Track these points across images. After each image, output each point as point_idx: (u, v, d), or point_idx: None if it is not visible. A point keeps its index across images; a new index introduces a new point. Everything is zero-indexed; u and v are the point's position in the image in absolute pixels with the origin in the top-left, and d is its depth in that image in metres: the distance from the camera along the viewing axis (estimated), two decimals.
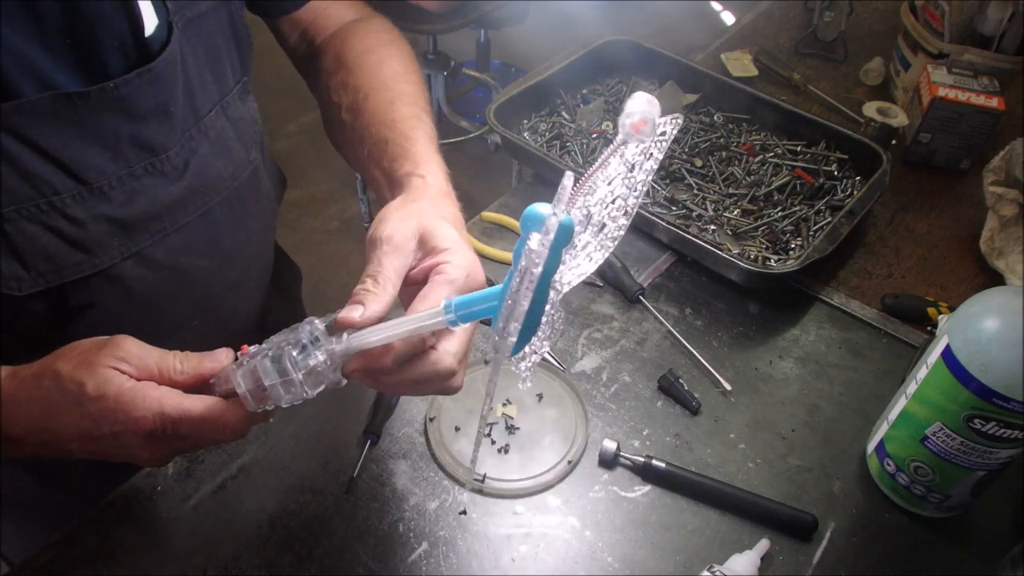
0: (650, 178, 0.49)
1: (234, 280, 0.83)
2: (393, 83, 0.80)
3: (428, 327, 0.54)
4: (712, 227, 1.05)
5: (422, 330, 0.54)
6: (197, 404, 0.57)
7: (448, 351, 0.58)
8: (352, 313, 0.56)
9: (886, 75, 1.38)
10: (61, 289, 0.67)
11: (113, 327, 0.71)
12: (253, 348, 0.59)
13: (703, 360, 0.90)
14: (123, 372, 0.56)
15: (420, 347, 0.58)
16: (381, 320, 0.57)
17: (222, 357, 0.59)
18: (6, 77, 0.57)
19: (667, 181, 1.12)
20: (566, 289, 0.53)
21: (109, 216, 0.67)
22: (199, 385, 0.58)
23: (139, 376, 0.57)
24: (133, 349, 0.57)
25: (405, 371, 0.58)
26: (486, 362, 0.89)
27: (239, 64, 0.76)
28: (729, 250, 0.98)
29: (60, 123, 0.61)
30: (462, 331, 0.59)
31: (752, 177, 1.12)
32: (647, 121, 0.45)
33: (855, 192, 1.09)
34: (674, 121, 0.49)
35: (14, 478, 0.83)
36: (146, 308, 0.74)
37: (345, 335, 0.56)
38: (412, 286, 0.61)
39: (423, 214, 0.64)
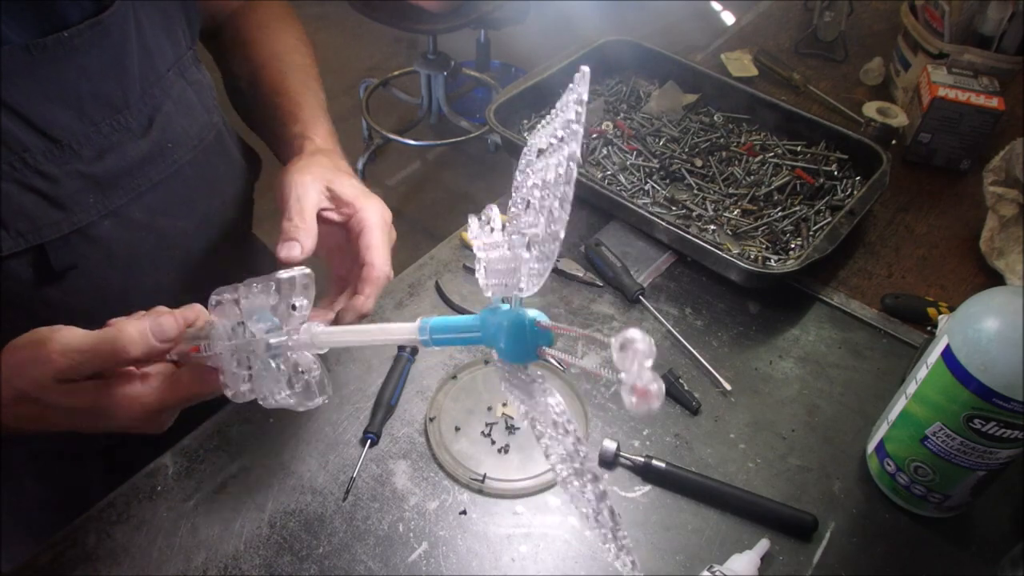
0: None
1: (212, 247, 0.85)
2: (286, 55, 0.89)
3: (400, 341, 0.55)
4: (712, 227, 1.05)
5: (391, 342, 0.56)
6: (192, 382, 0.57)
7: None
8: (293, 251, 0.66)
9: (886, 75, 1.38)
10: (42, 249, 0.68)
11: (96, 290, 0.74)
12: (213, 319, 0.57)
13: (703, 360, 0.90)
14: (79, 386, 0.55)
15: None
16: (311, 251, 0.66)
17: (172, 328, 0.56)
18: None
19: (667, 181, 1.12)
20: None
21: (82, 172, 0.68)
22: (151, 356, 0.57)
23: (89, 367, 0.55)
24: (62, 362, 0.53)
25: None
26: (486, 362, 0.89)
27: (188, 31, 0.79)
28: (729, 250, 0.98)
29: (21, 78, 0.62)
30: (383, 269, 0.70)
31: (752, 177, 1.12)
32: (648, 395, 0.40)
33: (855, 192, 1.09)
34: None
35: (14, 481, 0.84)
36: (128, 271, 0.76)
37: (308, 327, 0.55)
38: (328, 226, 0.71)
39: (323, 166, 0.74)
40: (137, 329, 0.55)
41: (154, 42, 0.73)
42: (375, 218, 0.70)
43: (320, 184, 0.71)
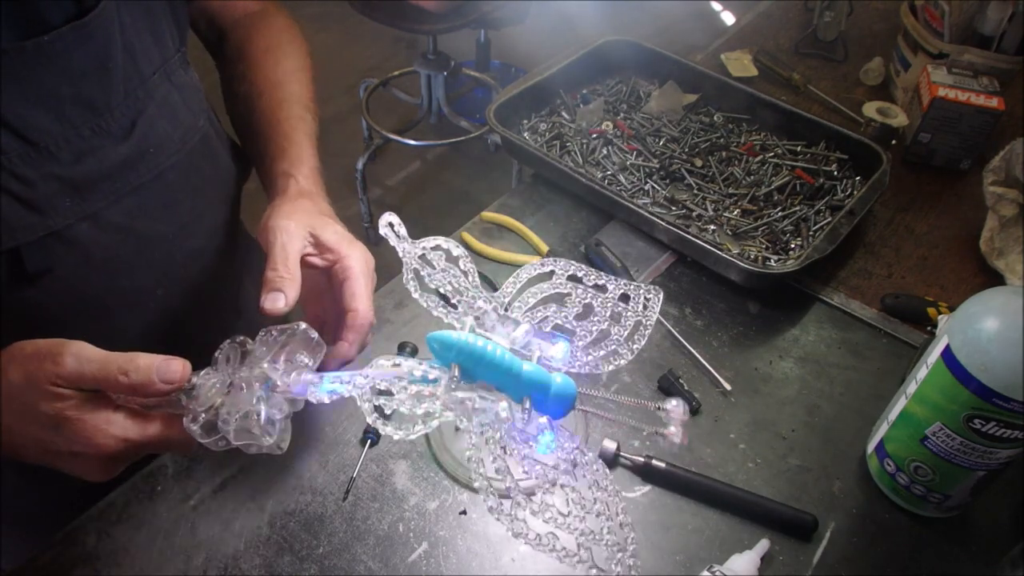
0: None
1: (196, 250, 0.85)
2: (286, 83, 0.89)
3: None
4: (712, 227, 1.05)
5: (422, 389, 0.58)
6: (162, 427, 0.58)
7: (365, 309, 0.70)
8: (278, 303, 0.66)
9: (886, 75, 1.38)
10: (16, 252, 0.67)
11: (74, 293, 0.73)
12: (201, 376, 0.58)
13: (703, 360, 0.90)
14: (66, 393, 0.55)
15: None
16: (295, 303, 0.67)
17: (176, 373, 0.57)
18: None
19: (667, 181, 1.12)
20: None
21: (58, 175, 0.67)
22: (146, 392, 0.57)
23: (80, 391, 0.56)
24: (71, 364, 0.55)
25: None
26: None
27: (176, 33, 0.78)
28: (729, 250, 0.98)
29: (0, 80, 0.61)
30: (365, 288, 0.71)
31: (752, 177, 1.12)
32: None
33: (855, 192, 1.09)
34: None
35: (12, 481, 0.84)
36: (106, 274, 0.75)
37: (304, 375, 0.59)
38: (310, 270, 0.72)
39: (307, 211, 0.74)
40: (146, 361, 0.56)
41: (139, 45, 0.72)
42: (359, 265, 0.71)
43: (304, 231, 0.71)
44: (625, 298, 0.64)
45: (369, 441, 0.81)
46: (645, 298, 0.63)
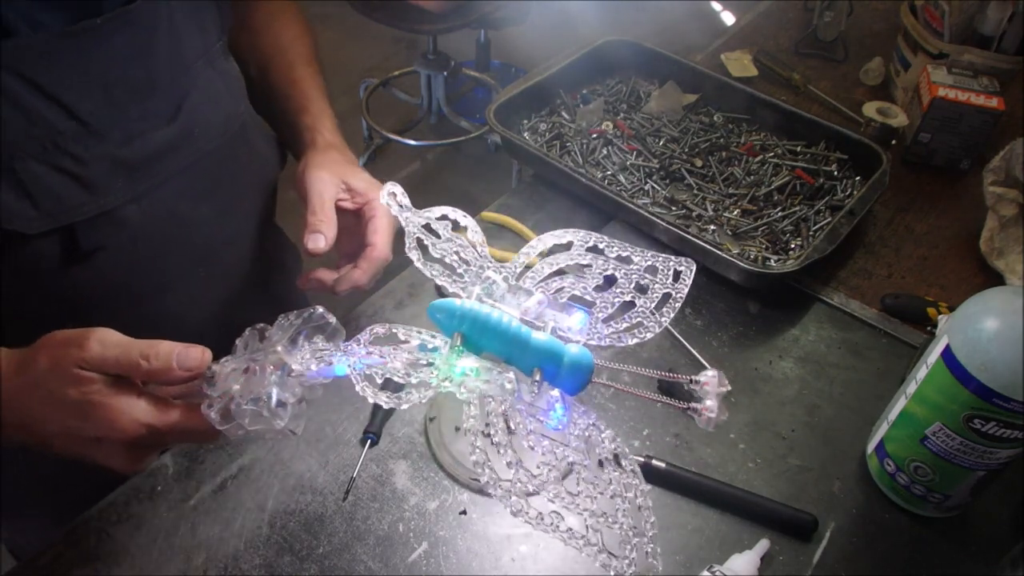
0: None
1: (233, 233, 0.89)
2: (292, 47, 0.95)
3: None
4: (712, 227, 1.05)
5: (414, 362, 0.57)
6: (181, 415, 0.58)
7: (383, 244, 0.80)
8: (319, 243, 0.76)
9: (886, 75, 1.38)
10: (71, 230, 0.70)
11: (118, 274, 0.77)
12: (220, 363, 0.57)
13: (703, 360, 0.90)
14: (91, 376, 0.55)
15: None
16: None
17: (195, 360, 0.57)
18: (4, 18, 0.60)
19: (667, 181, 1.12)
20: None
21: (110, 156, 0.70)
22: (166, 378, 0.57)
23: (104, 374, 0.56)
24: (95, 349, 0.55)
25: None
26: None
27: (219, 20, 0.81)
28: (729, 250, 0.98)
29: (54, 63, 0.64)
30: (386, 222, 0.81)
31: (752, 177, 1.12)
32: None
33: (855, 192, 1.09)
34: None
35: (15, 476, 0.84)
36: (152, 255, 0.78)
37: (317, 356, 0.56)
38: (342, 213, 0.82)
39: (337, 162, 0.85)
40: (166, 347, 0.56)
41: (184, 31, 0.74)
42: (384, 207, 0.78)
43: (337, 179, 0.82)
44: (652, 270, 0.59)
45: (369, 441, 0.81)
46: (676, 270, 0.58)
